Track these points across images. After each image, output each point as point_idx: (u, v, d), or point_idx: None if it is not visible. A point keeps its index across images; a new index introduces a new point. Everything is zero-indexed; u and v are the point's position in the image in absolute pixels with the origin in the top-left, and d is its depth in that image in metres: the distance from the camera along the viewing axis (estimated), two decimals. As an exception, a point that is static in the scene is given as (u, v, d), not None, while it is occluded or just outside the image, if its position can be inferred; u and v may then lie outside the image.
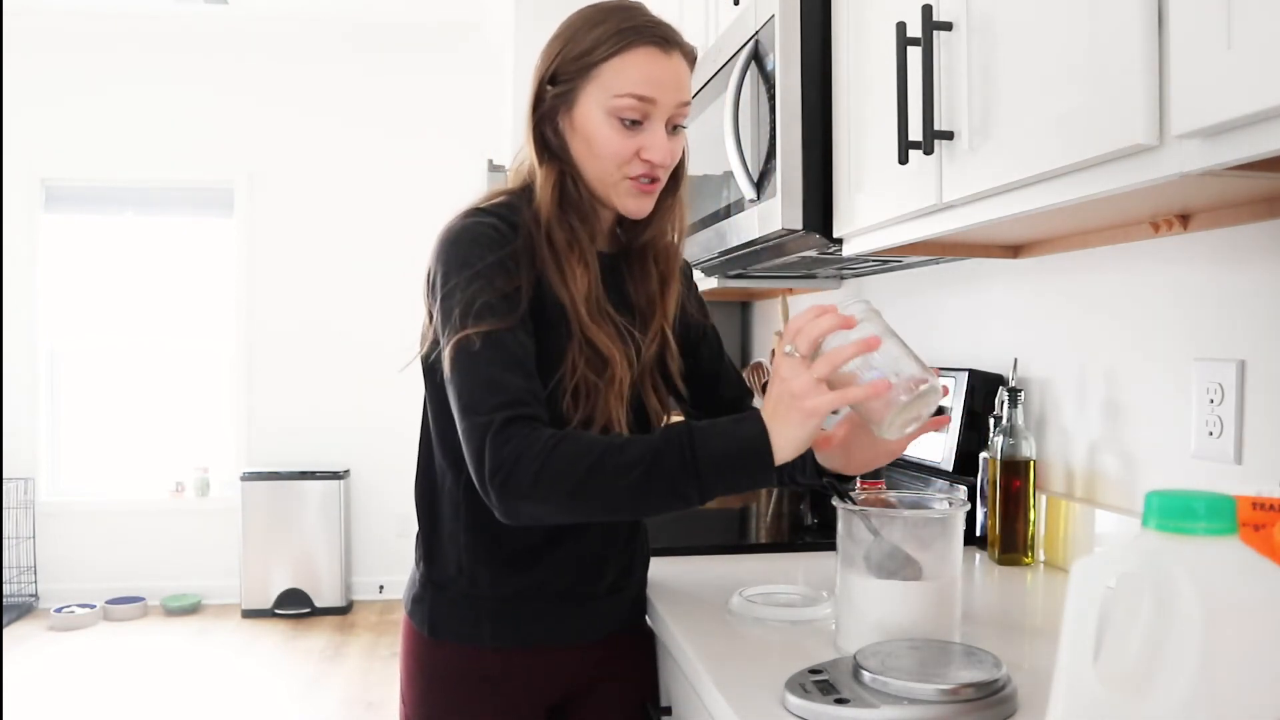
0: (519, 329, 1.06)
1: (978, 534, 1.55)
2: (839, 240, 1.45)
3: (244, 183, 4.96)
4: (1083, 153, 0.87)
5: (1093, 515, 1.39)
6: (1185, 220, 1.19)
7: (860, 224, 1.35)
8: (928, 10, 1.10)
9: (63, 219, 4.93)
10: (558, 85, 1.12)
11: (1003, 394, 1.49)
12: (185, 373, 5.05)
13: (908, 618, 1.00)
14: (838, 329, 0.97)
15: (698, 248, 1.87)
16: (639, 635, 1.31)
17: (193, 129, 4.90)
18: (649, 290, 1.22)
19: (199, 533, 4.94)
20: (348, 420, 4.98)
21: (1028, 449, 1.47)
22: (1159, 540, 0.59)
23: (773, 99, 1.44)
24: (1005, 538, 1.47)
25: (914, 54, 1.13)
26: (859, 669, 0.89)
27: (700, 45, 2.00)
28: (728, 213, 1.68)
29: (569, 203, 1.13)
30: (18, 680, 3.74)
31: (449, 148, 4.95)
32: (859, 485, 1.58)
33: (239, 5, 4.72)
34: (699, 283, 1.62)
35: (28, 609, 4.70)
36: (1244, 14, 0.69)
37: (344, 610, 4.74)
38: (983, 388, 1.62)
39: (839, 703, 0.84)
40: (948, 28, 1.11)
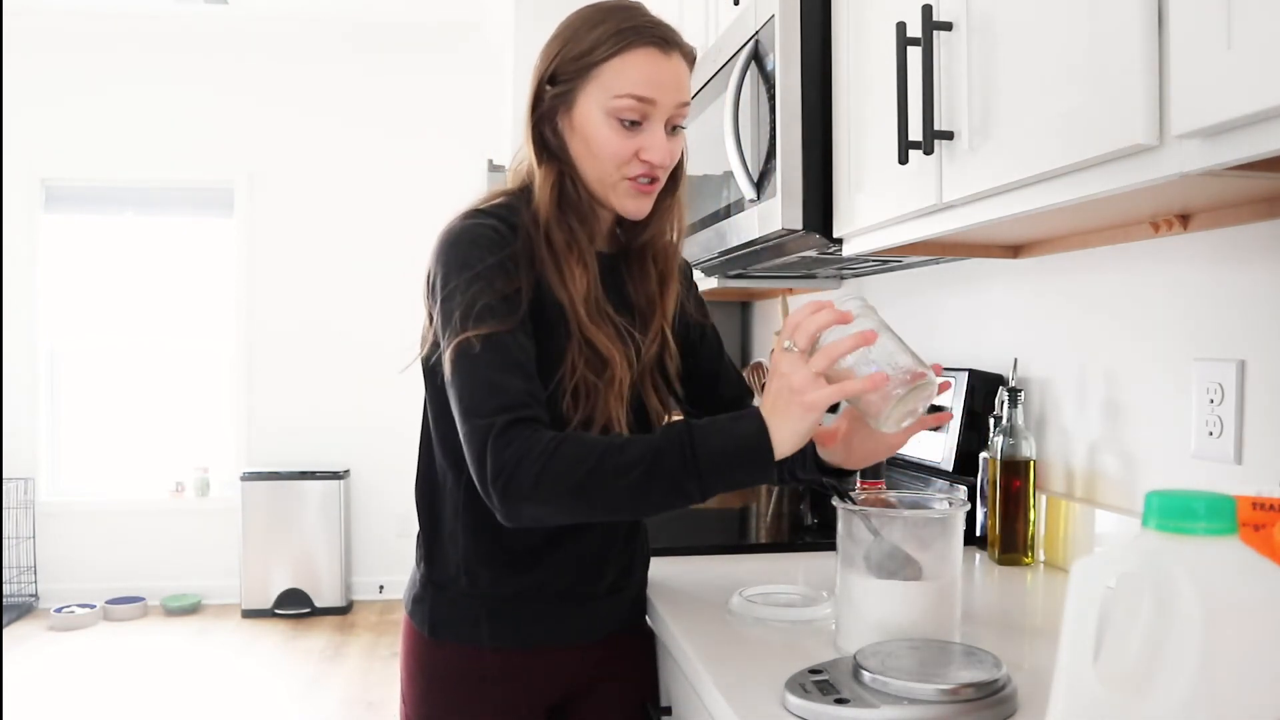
0: (519, 331, 1.06)
1: (978, 534, 1.55)
2: (839, 240, 1.45)
3: (244, 183, 4.96)
4: (1083, 153, 0.87)
5: (1093, 515, 1.39)
6: (1185, 220, 1.19)
7: (860, 224, 1.35)
8: (928, 10, 1.10)
9: (63, 219, 4.93)
10: (557, 85, 1.12)
11: (1003, 394, 1.49)
12: (185, 373, 5.05)
13: (908, 618, 1.00)
14: (835, 324, 0.98)
15: (698, 248, 1.87)
16: (639, 635, 1.31)
17: (193, 129, 4.90)
18: (648, 290, 1.22)
19: (199, 533, 4.94)
20: (348, 420, 4.98)
21: (1028, 449, 1.47)
22: (1159, 540, 0.59)
23: (773, 99, 1.44)
24: (1005, 538, 1.47)
25: (914, 54, 1.13)
26: (859, 669, 0.89)
27: (700, 45, 2.00)
28: (728, 213, 1.68)
29: (568, 203, 1.13)
30: (18, 680, 3.74)
31: (449, 148, 4.95)
32: (859, 485, 1.58)
33: (239, 5, 4.72)
34: (699, 283, 1.62)
35: (28, 609, 4.70)
36: (1244, 14, 0.69)
37: (344, 610, 4.74)
38: (983, 388, 1.62)
39: (839, 703, 0.84)
40: (948, 28, 1.11)
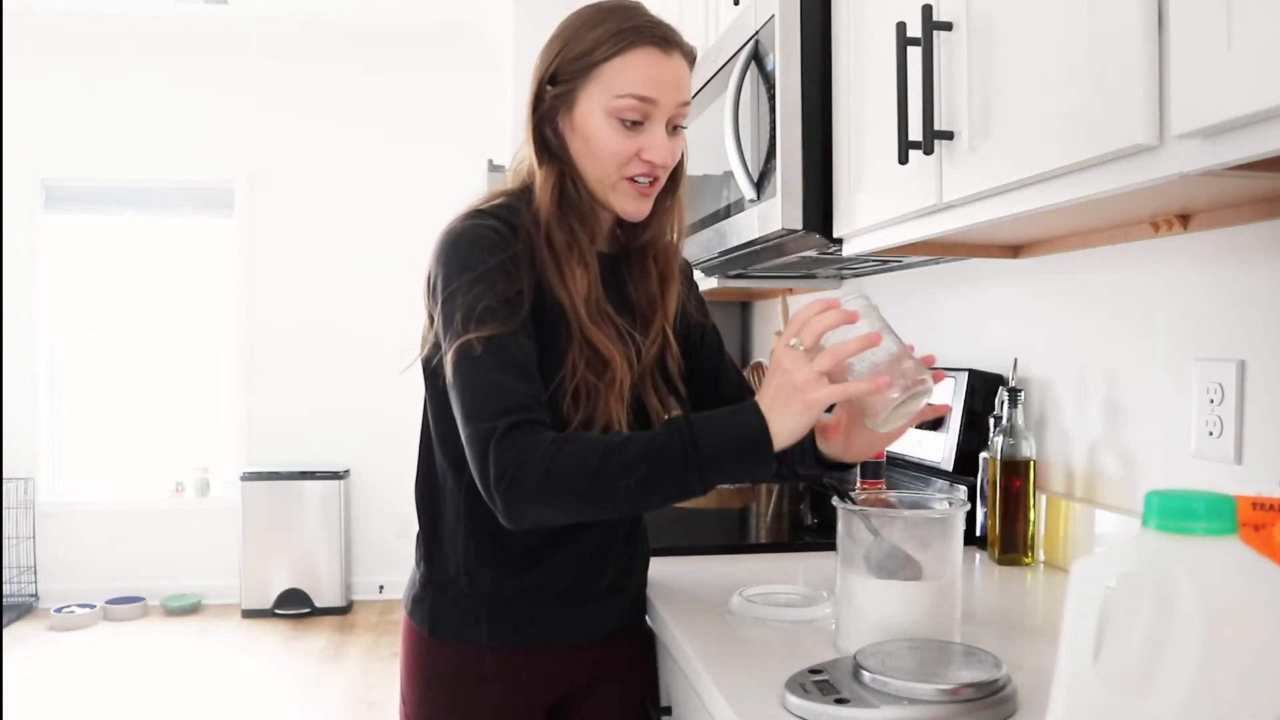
0: (521, 333, 1.06)
1: (978, 534, 1.55)
2: (839, 240, 1.45)
3: (244, 183, 4.96)
4: (1083, 153, 0.87)
5: (1093, 515, 1.39)
6: (1185, 220, 1.19)
7: (860, 224, 1.35)
8: (928, 10, 1.10)
9: (63, 219, 4.93)
10: (558, 85, 1.12)
11: (1003, 394, 1.49)
12: (185, 373, 5.04)
13: (908, 618, 1.00)
14: (842, 325, 0.99)
15: (698, 248, 1.87)
16: (639, 635, 1.31)
17: (193, 129, 4.90)
18: (649, 290, 1.22)
19: (199, 533, 4.94)
20: (348, 420, 4.98)
21: (1028, 449, 1.47)
22: (1159, 540, 0.59)
23: (773, 99, 1.44)
24: (1005, 538, 1.47)
25: (914, 54, 1.13)
26: (859, 669, 0.89)
27: (700, 45, 2.00)
28: (728, 213, 1.68)
29: (569, 204, 1.13)
30: (18, 680, 3.74)
31: (449, 148, 4.95)
32: (859, 485, 1.58)
33: (239, 5, 4.72)
34: (699, 282, 1.62)
35: (28, 609, 4.70)
36: (1244, 14, 0.69)
37: (344, 610, 4.74)
38: (983, 388, 1.62)
39: (839, 703, 0.84)
40: (948, 28, 1.11)
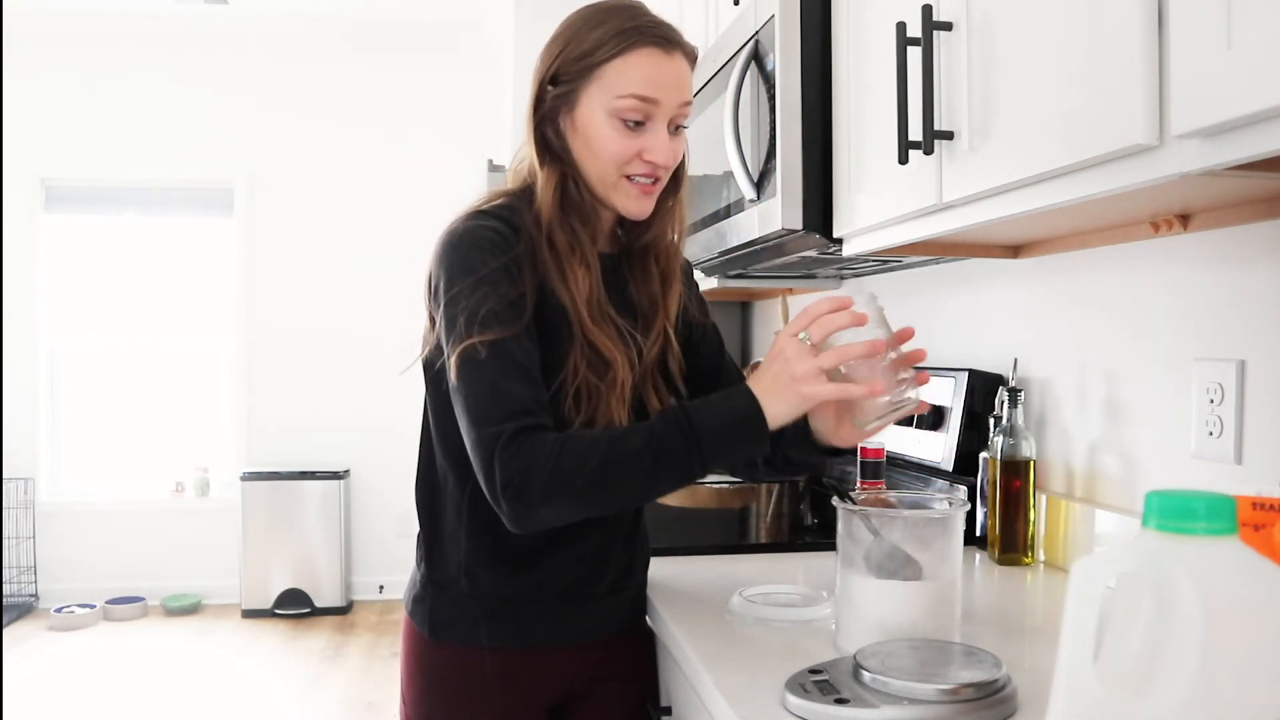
0: (524, 336, 1.07)
1: (978, 534, 1.55)
2: (839, 240, 1.45)
3: (244, 183, 4.96)
4: (1083, 153, 0.87)
5: (1093, 515, 1.39)
6: (1185, 220, 1.19)
7: (860, 224, 1.35)
8: (928, 10, 1.10)
9: (63, 219, 4.92)
10: (559, 86, 1.12)
11: (1003, 394, 1.49)
12: (185, 373, 5.04)
13: (908, 618, 1.00)
14: (851, 326, 1.01)
15: (698, 248, 1.87)
16: (639, 635, 1.30)
17: (193, 129, 4.90)
18: (651, 290, 1.22)
19: (199, 533, 4.93)
20: (348, 420, 4.98)
21: (1028, 449, 1.47)
22: (1159, 540, 0.59)
23: (773, 99, 1.44)
24: (1005, 538, 1.47)
25: (914, 54, 1.13)
26: (859, 669, 0.89)
27: (700, 45, 2.00)
28: (728, 213, 1.68)
29: (570, 204, 1.13)
30: (18, 680, 3.74)
31: (449, 148, 4.95)
32: (859, 485, 1.58)
33: (239, 5, 4.72)
34: (699, 282, 1.62)
35: (28, 609, 4.70)
36: (1244, 14, 0.69)
37: (344, 610, 4.74)
38: (983, 388, 1.62)
39: (839, 703, 0.84)
40: (948, 28, 1.11)
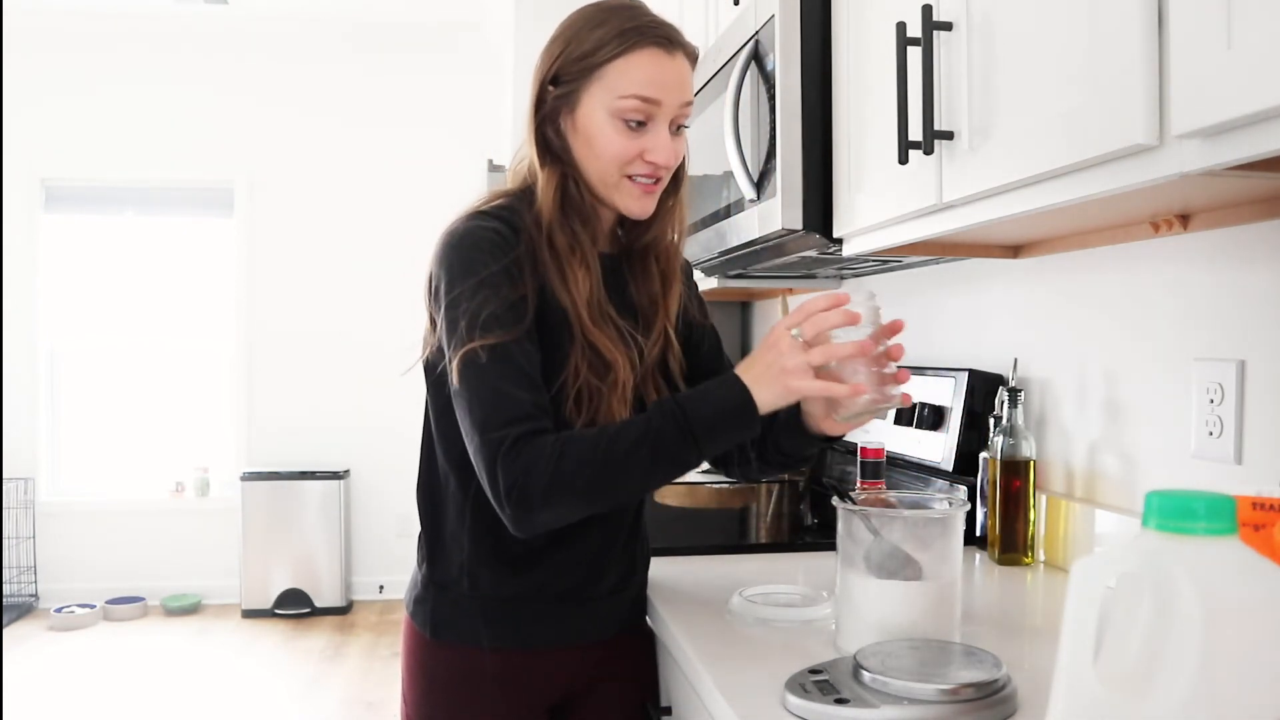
0: (525, 339, 1.07)
1: (978, 534, 1.55)
2: (839, 240, 1.45)
3: (244, 183, 4.96)
4: (1083, 153, 0.87)
5: (1093, 515, 1.39)
6: (1185, 220, 1.19)
7: (860, 224, 1.35)
8: (928, 10, 1.10)
9: (63, 219, 4.92)
10: (560, 86, 1.12)
11: (1003, 394, 1.49)
12: (185, 373, 5.04)
13: (908, 618, 1.00)
14: (844, 325, 1.02)
15: (698, 248, 1.86)
16: (639, 636, 1.30)
17: (193, 129, 4.90)
18: (651, 291, 1.22)
19: (199, 533, 4.93)
20: (348, 420, 4.98)
21: (1028, 449, 1.47)
22: (1159, 540, 0.59)
23: (773, 99, 1.44)
24: (1005, 538, 1.47)
25: (914, 54, 1.13)
26: (859, 669, 0.89)
27: (700, 45, 2.00)
28: (728, 213, 1.68)
29: (571, 205, 1.13)
30: (18, 680, 3.74)
31: (449, 148, 4.95)
32: (859, 485, 1.58)
33: (239, 5, 4.72)
34: (699, 282, 1.62)
35: (28, 609, 4.70)
36: (1244, 14, 0.69)
37: (344, 610, 4.73)
38: (983, 388, 1.62)
39: (839, 703, 0.84)
40: (948, 28, 1.11)
